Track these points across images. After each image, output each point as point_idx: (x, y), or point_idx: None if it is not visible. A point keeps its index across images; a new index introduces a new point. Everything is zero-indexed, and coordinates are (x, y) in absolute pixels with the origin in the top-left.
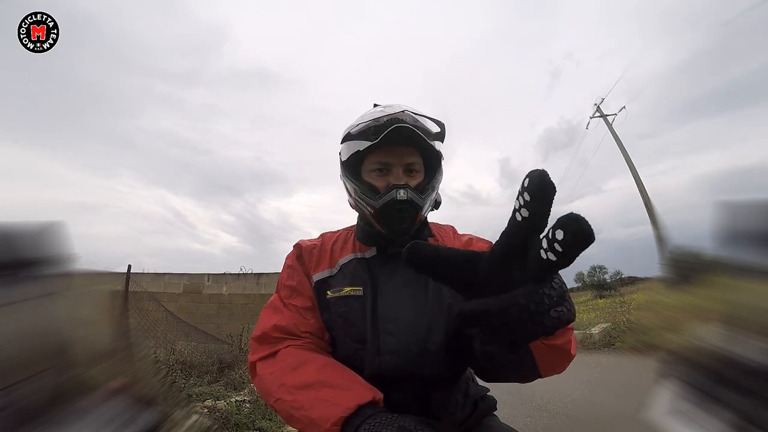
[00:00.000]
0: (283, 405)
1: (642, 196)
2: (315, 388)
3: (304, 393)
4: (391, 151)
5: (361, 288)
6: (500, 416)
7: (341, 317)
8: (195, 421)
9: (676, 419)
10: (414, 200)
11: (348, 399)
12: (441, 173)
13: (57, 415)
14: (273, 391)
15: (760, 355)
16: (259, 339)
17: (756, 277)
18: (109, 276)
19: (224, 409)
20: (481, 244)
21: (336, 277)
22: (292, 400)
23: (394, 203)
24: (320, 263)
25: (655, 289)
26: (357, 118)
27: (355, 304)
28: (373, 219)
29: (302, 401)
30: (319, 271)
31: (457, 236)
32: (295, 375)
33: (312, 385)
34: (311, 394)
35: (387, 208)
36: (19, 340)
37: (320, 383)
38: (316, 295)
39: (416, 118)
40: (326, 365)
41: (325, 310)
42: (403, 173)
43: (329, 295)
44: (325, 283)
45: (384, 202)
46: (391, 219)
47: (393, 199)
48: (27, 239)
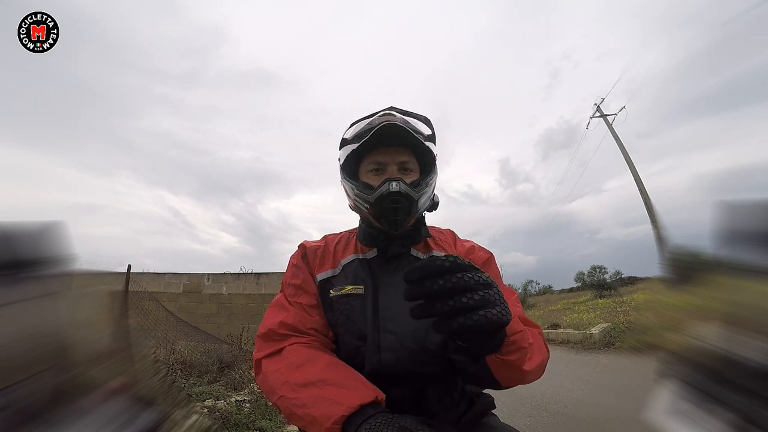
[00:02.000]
0: (286, 402)
1: (642, 195)
2: (318, 386)
3: (307, 391)
4: (385, 152)
5: (362, 287)
6: (500, 416)
7: (343, 315)
8: (195, 421)
9: (676, 419)
10: (407, 192)
11: (350, 398)
12: (435, 172)
13: (57, 415)
14: (276, 388)
15: (760, 355)
16: (264, 336)
17: (756, 276)
18: (109, 276)
19: (224, 408)
20: (481, 254)
21: (338, 276)
22: (294, 398)
23: (387, 195)
24: (324, 263)
25: (655, 289)
26: (352, 124)
27: (356, 302)
28: (371, 216)
29: (305, 399)
30: (322, 271)
31: (459, 242)
32: (299, 373)
33: (315, 383)
34: (314, 392)
35: (381, 201)
36: (19, 340)
37: (323, 381)
38: (320, 294)
39: (405, 119)
40: (330, 364)
41: (329, 309)
42: (397, 171)
43: (332, 294)
44: (329, 283)
45: (377, 195)
46: (386, 212)
47: (386, 191)
48: (27, 239)
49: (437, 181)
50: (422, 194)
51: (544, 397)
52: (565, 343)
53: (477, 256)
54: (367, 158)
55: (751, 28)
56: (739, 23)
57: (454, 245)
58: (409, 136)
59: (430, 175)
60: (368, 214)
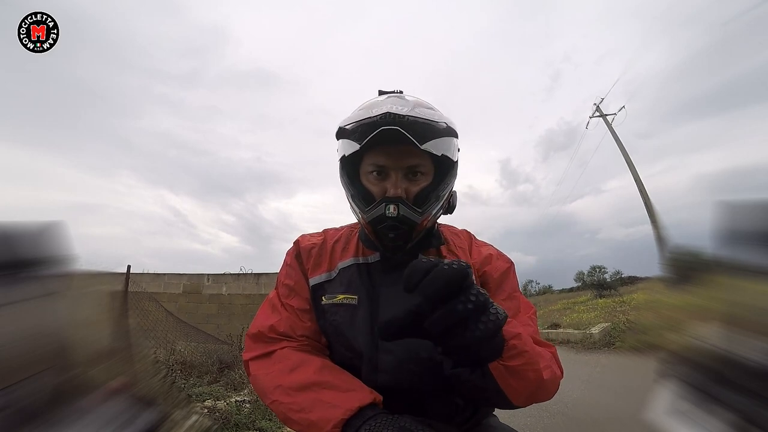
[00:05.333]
0: (281, 407)
1: (642, 195)
2: (313, 390)
3: (303, 395)
4: (388, 152)
5: (356, 297)
6: (500, 416)
7: (332, 325)
8: (195, 422)
9: (676, 419)
10: (407, 217)
11: (348, 401)
12: (453, 175)
13: (57, 415)
14: (269, 393)
15: (760, 355)
16: (254, 337)
17: (756, 276)
18: (108, 276)
19: (224, 409)
20: (500, 263)
21: (333, 282)
22: (290, 402)
23: (382, 219)
24: (319, 265)
25: (655, 289)
26: (354, 110)
27: (347, 313)
28: (366, 231)
29: (301, 403)
30: (317, 274)
31: (476, 247)
32: (293, 377)
33: (310, 386)
34: (310, 396)
35: (375, 224)
36: (19, 340)
37: (318, 385)
38: (313, 299)
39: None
40: (324, 367)
41: (320, 316)
42: (402, 178)
43: (324, 301)
44: (321, 288)
45: (372, 216)
46: (382, 237)
47: (381, 215)
48: (27, 239)
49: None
50: (429, 213)
51: None
52: (565, 343)
53: (493, 266)
54: (368, 156)
55: (751, 28)
56: (739, 23)
57: (469, 251)
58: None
59: (444, 181)
60: (364, 227)
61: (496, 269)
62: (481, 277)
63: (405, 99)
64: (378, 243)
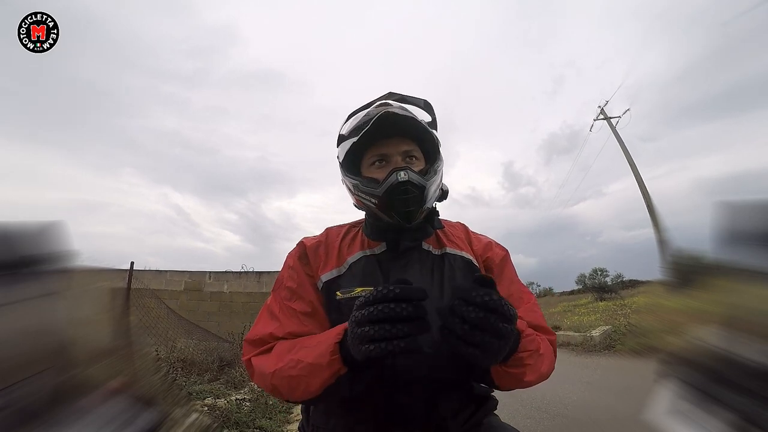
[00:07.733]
0: (281, 373)
1: (644, 198)
2: (300, 344)
3: (293, 353)
4: (386, 143)
5: (372, 288)
6: (500, 416)
7: None
8: (195, 420)
9: (676, 419)
10: (417, 181)
11: (331, 335)
12: (441, 159)
13: (57, 415)
14: (269, 368)
15: (760, 356)
16: (253, 342)
17: (756, 279)
18: (110, 273)
19: (224, 407)
20: (498, 250)
21: (345, 276)
22: (287, 361)
23: (397, 185)
24: (328, 262)
25: (656, 292)
26: (349, 118)
27: None
28: (380, 210)
29: (296, 357)
30: (327, 270)
31: (475, 237)
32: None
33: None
34: (300, 350)
35: (390, 193)
36: (19, 340)
37: (302, 342)
38: (325, 295)
39: (404, 106)
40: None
41: (335, 311)
42: (402, 161)
43: (339, 296)
44: (335, 284)
45: (386, 187)
46: (397, 204)
47: (395, 181)
48: (27, 239)
49: (443, 169)
50: (432, 182)
51: (544, 399)
52: (566, 346)
53: (494, 252)
54: (368, 152)
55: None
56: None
57: (468, 240)
58: (410, 124)
59: (436, 162)
60: (376, 210)
61: (496, 256)
62: (485, 263)
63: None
64: (393, 215)
